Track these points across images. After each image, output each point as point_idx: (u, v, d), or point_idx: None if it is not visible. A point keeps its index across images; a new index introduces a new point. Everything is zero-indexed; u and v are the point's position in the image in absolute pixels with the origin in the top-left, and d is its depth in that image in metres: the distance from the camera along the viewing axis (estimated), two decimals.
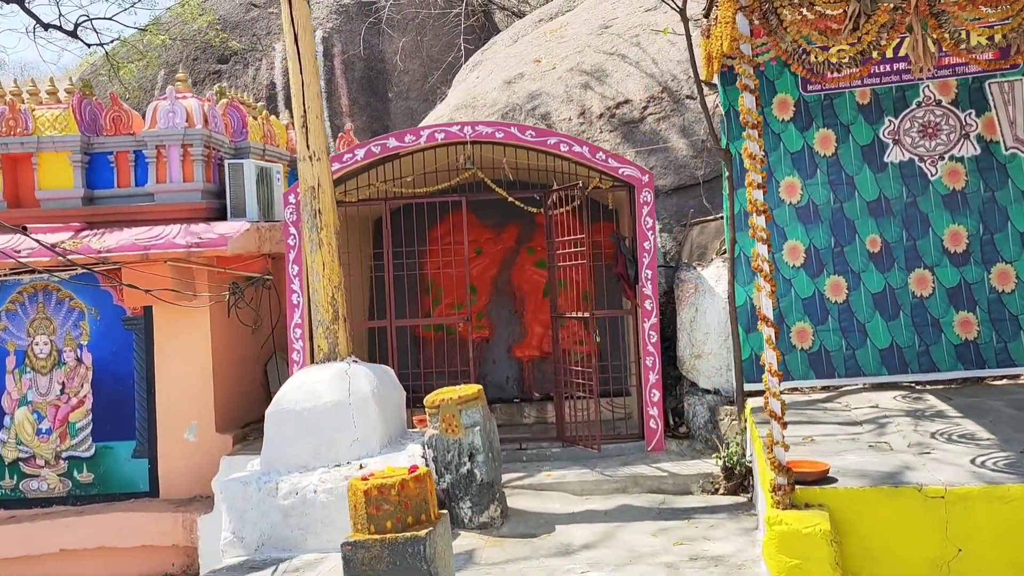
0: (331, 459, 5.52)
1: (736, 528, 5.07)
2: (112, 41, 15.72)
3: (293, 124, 10.95)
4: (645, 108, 9.28)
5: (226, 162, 8.01)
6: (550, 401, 8.16)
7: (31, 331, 7.82)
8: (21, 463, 7.76)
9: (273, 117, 9.79)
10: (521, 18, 18.94)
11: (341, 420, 5.53)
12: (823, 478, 4.15)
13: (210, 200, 8.00)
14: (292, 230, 6.93)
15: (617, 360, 7.59)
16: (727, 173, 6.36)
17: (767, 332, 3.98)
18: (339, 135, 10.48)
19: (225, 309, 7.93)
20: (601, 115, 9.35)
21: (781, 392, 4.06)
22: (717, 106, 8.81)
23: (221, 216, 8.06)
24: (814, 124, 6.43)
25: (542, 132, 6.84)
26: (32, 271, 7.69)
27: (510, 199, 6.97)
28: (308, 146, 5.86)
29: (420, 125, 7.66)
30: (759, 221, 3.91)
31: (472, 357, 7.57)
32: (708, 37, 5.67)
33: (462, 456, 5.41)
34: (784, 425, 4.00)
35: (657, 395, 6.61)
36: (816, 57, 4.08)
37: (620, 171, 6.70)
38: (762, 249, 3.94)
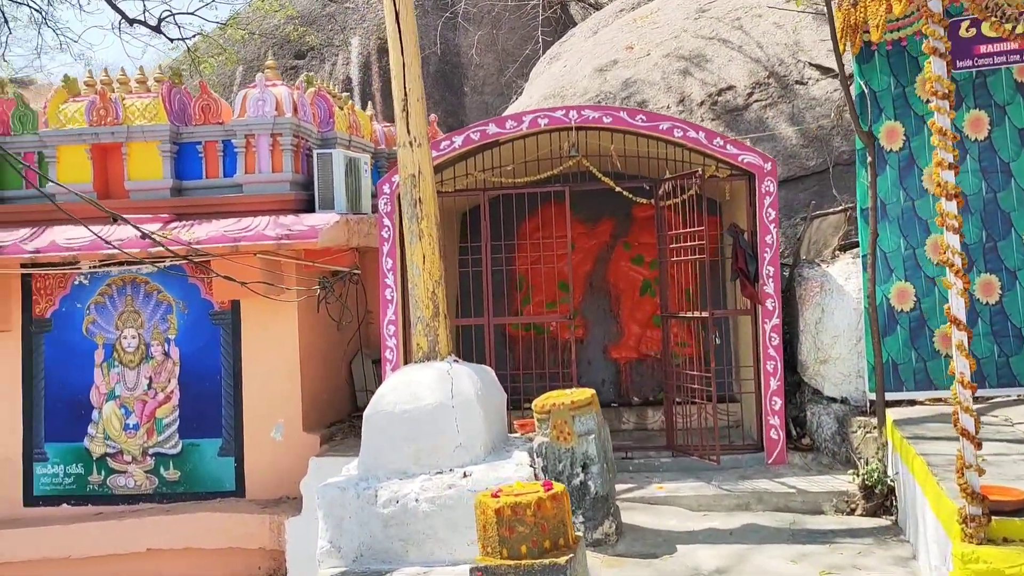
0: (432, 465, 5.14)
1: (888, 556, 4.51)
2: (194, 36, 15.75)
3: (375, 116, 10.73)
4: (750, 95, 8.69)
5: (315, 152, 7.74)
6: (650, 406, 7.68)
7: (119, 324, 7.68)
8: (109, 458, 7.64)
9: (358, 108, 9.53)
10: (599, 9, 18.44)
11: (443, 424, 5.14)
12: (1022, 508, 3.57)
13: (298, 191, 7.75)
14: (387, 222, 6.60)
15: (720, 364, 7.06)
16: (869, 159, 5.76)
17: (958, 337, 3.43)
18: None
19: (311, 304, 7.66)
20: (702, 102, 8.81)
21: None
22: (835, 89, 8.18)
23: (308, 208, 7.80)
24: (964, 105, 5.78)
25: (654, 116, 6.35)
26: (121, 263, 7.56)
27: (617, 189, 6.50)
28: (409, 131, 5.49)
29: (521, 111, 7.27)
30: (950, 207, 3.37)
31: (566, 358, 7.15)
32: (855, 5, 5.09)
33: (574, 466, 4.97)
34: (978, 445, 3.45)
35: (778, 403, 6.06)
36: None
37: (740, 158, 6.16)
38: (953, 240, 3.40)
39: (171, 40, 15.61)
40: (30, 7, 16.51)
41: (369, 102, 14.72)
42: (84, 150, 7.76)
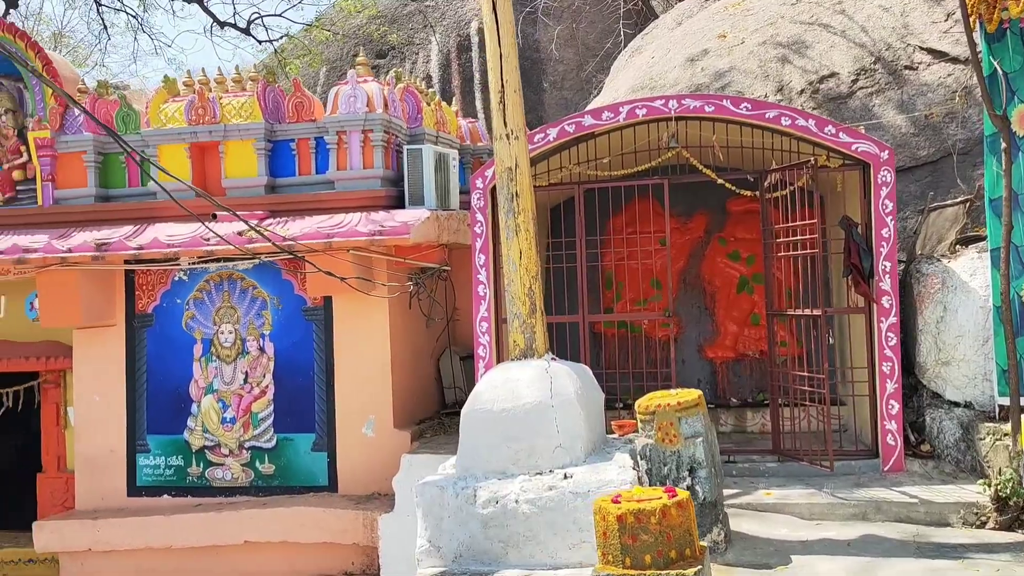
0: (531, 466, 5.01)
1: None
2: (280, 38, 16.08)
3: (458, 113, 10.67)
4: (855, 82, 8.26)
5: (405, 148, 7.71)
6: (749, 407, 7.38)
7: (216, 320, 7.82)
8: (207, 451, 7.79)
9: (444, 104, 9.48)
10: (682, 0, 18.03)
11: (543, 424, 5.01)
12: None
13: (388, 188, 7.73)
14: (479, 217, 6.50)
15: (830, 365, 6.69)
16: (1003, 145, 5.34)
17: None
18: None
19: (401, 301, 7.64)
20: (802, 91, 8.42)
21: None
22: (949, 74, 7.70)
23: (398, 204, 7.77)
24: None
25: (759, 104, 6.06)
26: (218, 260, 7.69)
27: (719, 181, 6.24)
28: (505, 124, 5.37)
29: (617, 101, 7.07)
30: None
31: (659, 357, 6.92)
32: None
33: (680, 470, 4.76)
34: None
35: (895, 407, 5.70)
36: None
37: (854, 147, 5.82)
38: None
39: (259, 42, 15.99)
40: (127, 13, 17.14)
41: (452, 99, 14.69)
42: (183, 149, 7.93)
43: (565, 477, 4.88)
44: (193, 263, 7.75)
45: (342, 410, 7.53)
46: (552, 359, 5.40)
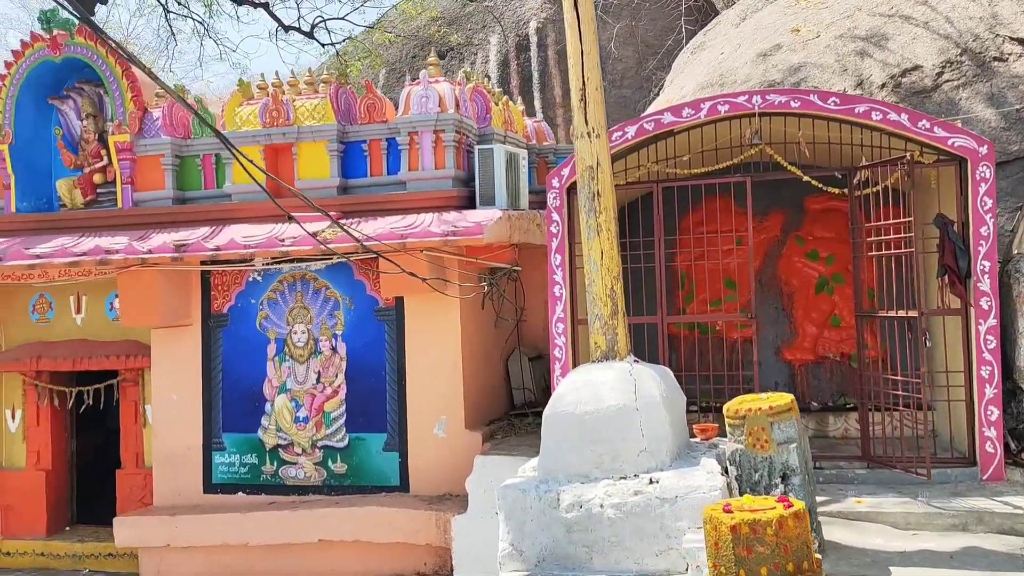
0: (615, 470, 4.92)
1: None
2: (343, 41, 16.25)
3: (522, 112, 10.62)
4: (939, 75, 7.95)
5: (476, 148, 7.68)
6: (831, 412, 7.15)
7: (290, 319, 7.90)
8: (280, 450, 7.87)
9: (511, 103, 9.43)
10: None
11: (627, 427, 4.91)
12: None
13: (459, 188, 7.71)
14: (555, 216, 6.42)
15: (918, 368, 6.44)
16: None
17: None
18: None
19: (471, 301, 7.61)
20: (883, 85, 8.14)
21: None
22: None
23: (469, 205, 7.75)
24: None
25: (849, 99, 5.86)
26: (292, 260, 7.77)
27: (805, 178, 6.05)
28: (587, 121, 5.29)
29: (698, 97, 6.92)
30: None
31: (733, 359, 6.75)
32: None
33: (772, 477, 4.61)
34: None
35: (995, 413, 5.45)
36: None
37: (949, 142, 5.59)
38: None
39: (322, 45, 16.16)
40: (194, 20, 17.52)
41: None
42: (258, 151, 8.02)
43: (651, 482, 4.77)
44: (267, 264, 7.84)
45: (413, 410, 7.53)
46: (634, 361, 5.31)
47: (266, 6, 14.66)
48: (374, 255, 7.15)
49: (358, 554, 7.23)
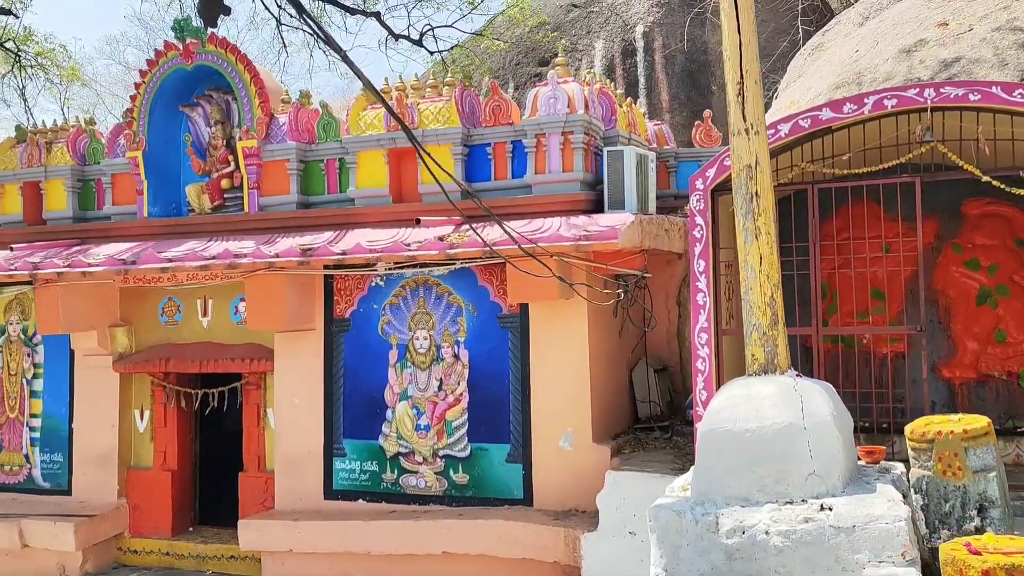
0: (778, 494, 4.53)
1: None
2: (451, 48, 16.27)
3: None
4: None
5: (605, 150, 7.39)
6: (1001, 436, 6.48)
7: (412, 325, 7.78)
8: (401, 458, 7.75)
9: (635, 106, 9.11)
10: None
11: (793, 447, 4.51)
12: None
13: (587, 191, 7.45)
14: (699, 220, 6.06)
15: None
16: None
17: None
18: (697, 124, 9.53)
19: (597, 309, 7.31)
20: None
21: None
22: None
23: (596, 209, 7.47)
24: None
25: None
26: (414, 265, 7.65)
27: (984, 178, 5.51)
28: (744, 117, 4.92)
29: (862, 92, 6.46)
30: None
31: (884, 375, 6.20)
32: None
33: (967, 508, 4.13)
34: None
35: None
36: None
37: None
38: None
39: (431, 53, 16.24)
40: (304, 31, 17.90)
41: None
42: (382, 155, 7.97)
43: (822, 508, 4.35)
44: (390, 268, 7.75)
45: (538, 421, 7.28)
46: (796, 375, 4.90)
47: (378, 15, 14.83)
48: (501, 260, 6.96)
49: (481, 568, 7.02)
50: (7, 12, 13.46)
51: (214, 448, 9.45)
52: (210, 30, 8.87)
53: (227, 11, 12.65)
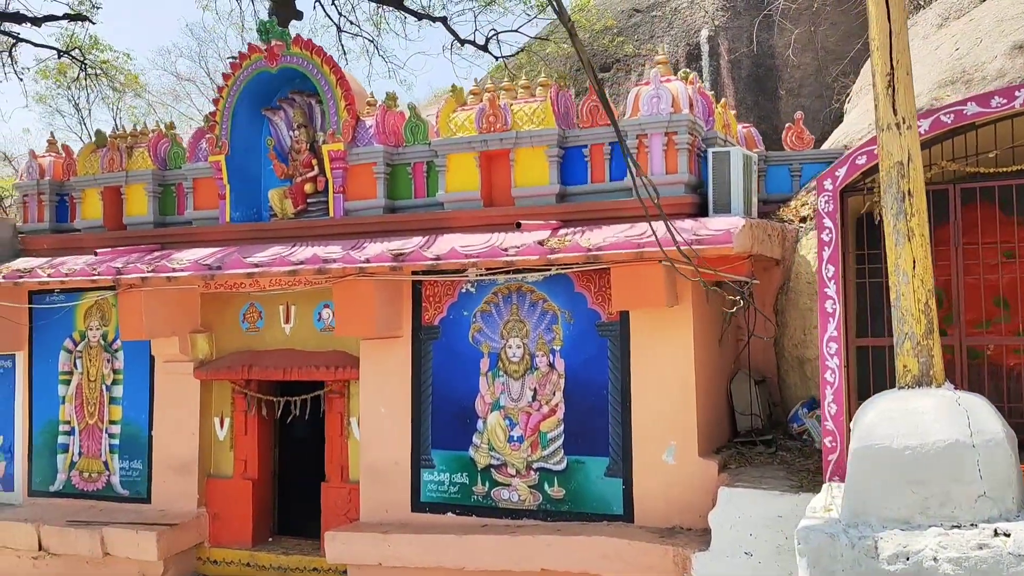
0: (944, 517, 4.17)
1: None
2: (516, 53, 16.11)
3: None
4: None
5: (710, 151, 7.09)
6: None
7: (504, 333, 7.53)
8: (493, 470, 7.49)
9: (727, 107, 8.79)
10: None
11: (960, 467, 4.16)
12: None
13: (691, 194, 7.14)
14: (828, 223, 5.71)
15: None
16: None
17: None
18: (788, 126, 9.16)
19: (701, 317, 6.99)
20: None
21: None
22: None
23: (698, 213, 7.17)
24: None
25: None
26: (507, 271, 7.40)
27: None
28: (895, 111, 4.59)
29: (1010, 85, 6.08)
30: None
31: (1010, 388, 5.78)
32: None
33: None
34: None
35: None
36: None
37: None
38: None
39: (496, 58, 16.10)
40: (364, 38, 17.90)
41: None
42: (473, 157, 7.76)
43: (997, 534, 3.99)
44: (481, 274, 7.51)
45: (639, 434, 6.97)
46: (954, 388, 4.54)
47: (444, 20, 14.73)
48: (603, 266, 6.70)
49: None
50: (81, 17, 13.55)
51: (288, 456, 9.30)
52: (295, 32, 8.78)
53: (299, 15, 12.56)
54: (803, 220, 8.13)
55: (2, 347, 9.47)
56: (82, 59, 18.27)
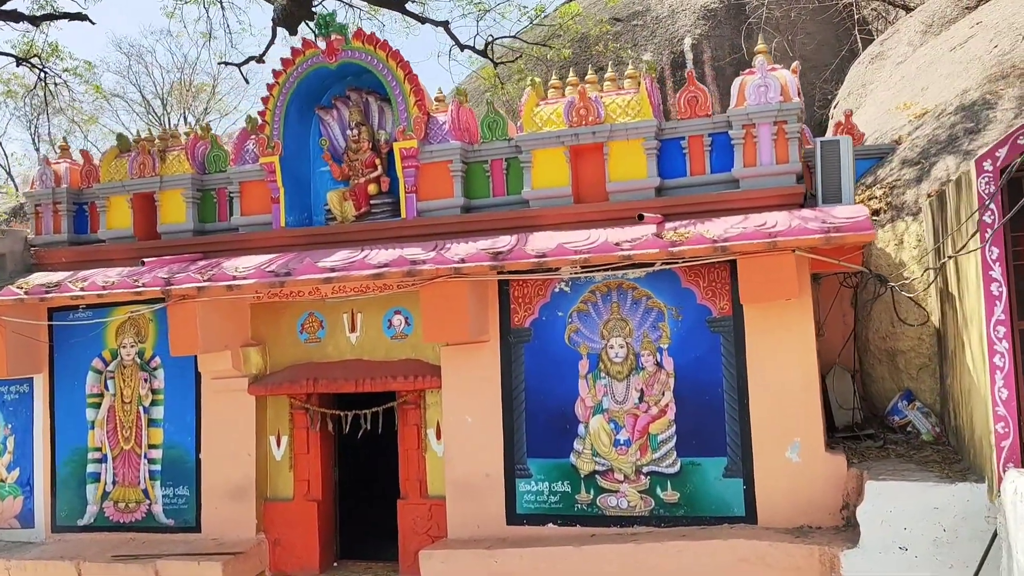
0: None
1: None
2: (516, 59, 15.89)
3: None
4: None
5: (818, 141, 6.99)
6: None
7: (604, 333, 7.24)
8: (598, 476, 7.16)
9: None
10: (908, 10, 17.09)
11: None
12: None
13: (801, 184, 7.02)
14: (991, 204, 5.63)
15: None
16: None
17: None
18: (837, 124, 9.20)
19: (820, 309, 6.86)
20: None
21: None
22: None
23: (805, 204, 7.06)
24: None
25: None
26: (605, 268, 7.13)
27: None
28: None
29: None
30: None
31: None
32: None
33: None
34: None
35: None
36: None
37: None
38: None
39: (495, 64, 15.84)
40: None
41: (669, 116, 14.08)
42: (562, 152, 7.48)
43: None
44: (576, 273, 7.22)
45: (759, 431, 6.76)
46: None
47: (446, 25, 14.41)
48: (715, 260, 6.49)
49: None
50: (81, 17, 12.67)
51: (344, 476, 8.76)
52: (355, 26, 8.34)
53: (312, 16, 11.98)
54: (875, 213, 8.13)
55: (18, 371, 8.61)
56: (41, 67, 17.24)
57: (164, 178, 8.71)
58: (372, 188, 8.20)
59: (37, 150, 26.13)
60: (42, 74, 17.37)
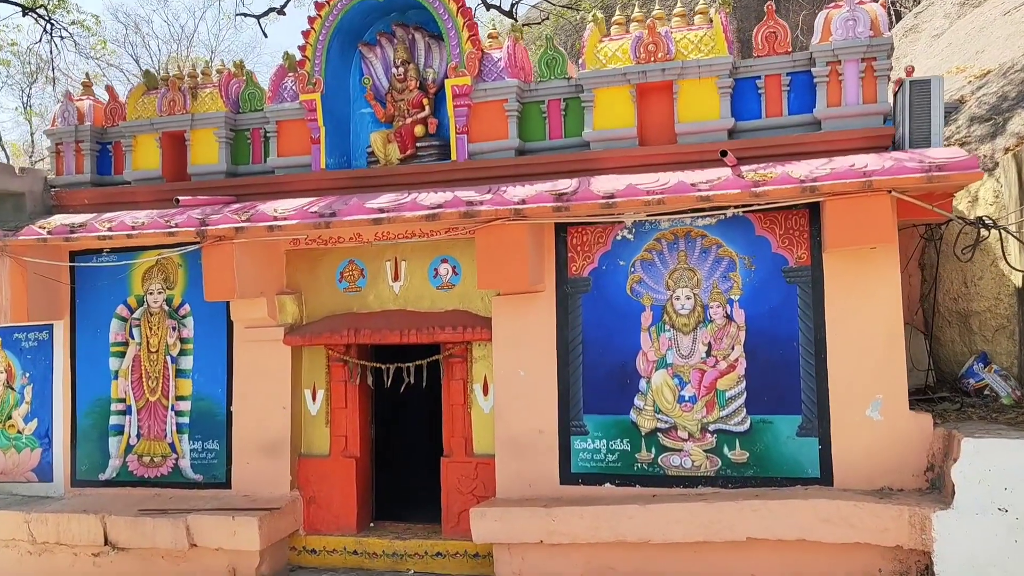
0: None
1: None
2: (542, 20, 15.38)
3: None
4: None
5: (907, 80, 6.54)
6: None
7: (670, 283, 6.82)
8: (660, 434, 6.76)
9: None
10: None
11: None
12: None
13: (886, 125, 6.59)
14: None
15: None
16: None
17: None
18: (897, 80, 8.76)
19: (904, 260, 6.45)
20: None
21: None
22: None
23: (890, 148, 6.63)
24: None
25: None
26: (672, 213, 6.70)
27: None
28: None
29: None
30: None
31: None
32: None
33: None
34: None
35: None
36: None
37: None
38: None
39: (522, 26, 15.32)
40: None
41: None
42: (628, 91, 7.03)
43: None
44: (639, 219, 6.78)
45: (837, 388, 6.36)
46: None
47: None
48: (795, 205, 6.06)
49: (797, 556, 6.07)
50: None
51: (379, 432, 8.35)
52: None
53: None
54: None
55: (38, 315, 8.15)
56: (47, 19, 16.67)
57: (196, 116, 8.23)
58: (419, 129, 7.74)
59: (28, 121, 25.51)
60: (48, 25, 16.81)
